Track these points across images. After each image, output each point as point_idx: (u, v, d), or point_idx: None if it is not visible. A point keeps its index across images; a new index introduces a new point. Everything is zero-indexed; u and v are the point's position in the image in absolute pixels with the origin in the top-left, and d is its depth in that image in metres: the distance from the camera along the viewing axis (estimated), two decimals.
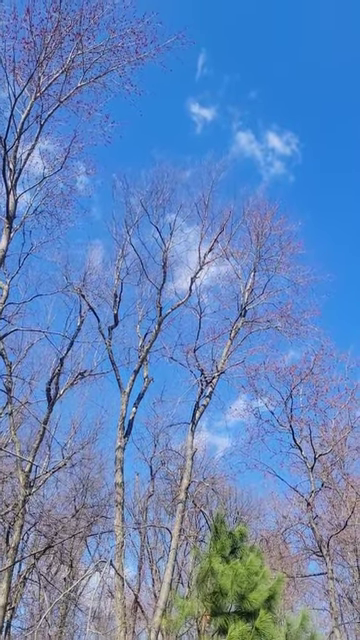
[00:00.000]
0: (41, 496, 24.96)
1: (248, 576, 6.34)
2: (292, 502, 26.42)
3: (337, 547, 26.78)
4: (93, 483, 28.14)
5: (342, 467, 25.91)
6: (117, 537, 19.53)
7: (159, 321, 22.87)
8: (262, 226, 24.96)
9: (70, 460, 23.57)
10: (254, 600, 6.24)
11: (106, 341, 23.08)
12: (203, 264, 23.75)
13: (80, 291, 22.83)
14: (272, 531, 28.29)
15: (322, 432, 24.04)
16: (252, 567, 6.46)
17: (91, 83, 17.01)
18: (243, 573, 6.33)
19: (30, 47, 15.66)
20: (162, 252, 23.30)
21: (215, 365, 22.98)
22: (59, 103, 16.60)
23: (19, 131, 16.08)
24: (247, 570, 6.39)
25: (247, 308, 24.48)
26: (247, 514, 29.91)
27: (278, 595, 7.12)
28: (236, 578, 6.28)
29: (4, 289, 18.43)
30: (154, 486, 28.04)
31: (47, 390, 22.14)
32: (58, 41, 16.05)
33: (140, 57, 17.24)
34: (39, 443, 21.56)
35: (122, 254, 24.41)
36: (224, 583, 6.39)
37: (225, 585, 6.38)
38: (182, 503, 20.50)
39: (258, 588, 6.37)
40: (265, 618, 5.97)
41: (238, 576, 6.29)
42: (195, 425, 22.15)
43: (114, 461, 21.58)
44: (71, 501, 27.24)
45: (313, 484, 22.82)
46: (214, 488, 26.13)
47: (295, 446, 23.35)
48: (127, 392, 22.39)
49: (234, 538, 8.54)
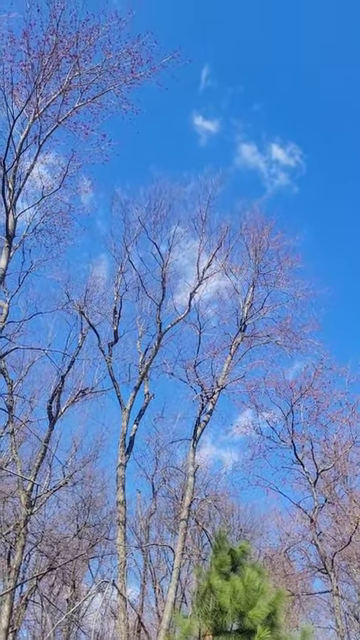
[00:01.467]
0: (42, 515, 24.76)
1: (247, 592, 6.25)
2: (295, 519, 26.19)
3: (342, 564, 26.44)
4: (95, 502, 27.90)
5: (345, 482, 25.69)
6: (119, 556, 19.35)
7: (159, 337, 22.89)
8: (260, 241, 25.10)
9: (71, 478, 23.40)
10: (254, 617, 6.13)
11: (106, 358, 23.09)
12: (202, 279, 23.84)
13: (80, 308, 22.89)
14: (276, 549, 27.97)
15: (324, 447, 23.86)
16: (251, 583, 6.37)
17: (88, 103, 17.22)
18: (241, 589, 6.24)
19: (28, 69, 15.90)
20: (161, 268, 23.41)
21: (215, 380, 22.93)
22: (57, 123, 16.79)
23: (18, 151, 16.25)
24: (246, 586, 6.31)
25: (247, 323, 24.50)
26: (250, 531, 29.58)
27: (279, 612, 7.00)
28: (235, 595, 6.20)
29: (4, 308, 18.47)
30: (156, 504, 27.82)
31: (48, 408, 22.09)
32: (55, 63, 16.29)
33: (136, 77, 17.45)
34: (40, 462, 21.45)
35: (121, 270, 24.55)
36: (223, 600, 6.30)
37: (224, 602, 6.29)
38: (184, 521, 20.32)
39: (258, 605, 6.28)
40: (264, 635, 5.86)
41: (237, 593, 6.20)
42: (196, 441, 22.04)
43: (115, 479, 21.47)
44: (73, 520, 27.01)
45: (316, 500, 22.60)
46: (216, 505, 25.91)
47: (297, 462, 23.18)
48: (128, 409, 22.34)
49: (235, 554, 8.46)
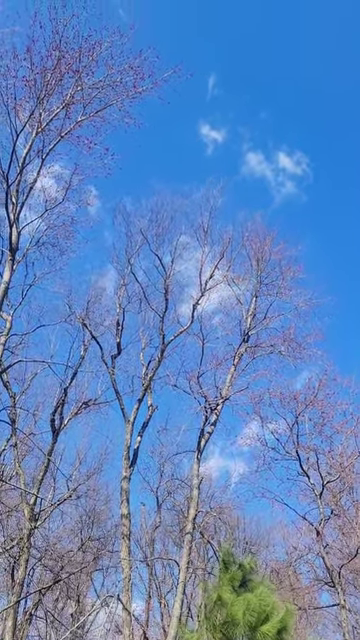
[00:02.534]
0: (46, 529, 24.57)
1: (260, 607, 6.20)
2: (301, 531, 25.95)
3: (349, 577, 26.17)
4: (99, 515, 27.70)
5: (351, 494, 25.49)
6: (124, 571, 19.18)
7: (162, 349, 22.87)
8: (262, 251, 25.18)
9: (75, 492, 23.28)
10: (267, 632, 6.07)
11: (109, 370, 23.06)
12: (204, 290, 23.86)
13: (83, 320, 22.90)
14: (282, 562, 27.72)
15: (329, 459, 23.70)
16: (264, 599, 6.32)
17: (91, 118, 17.36)
18: (255, 603, 6.18)
19: (31, 85, 16.06)
20: (163, 280, 23.46)
21: (219, 392, 22.85)
22: (60, 138, 16.92)
23: (21, 165, 16.37)
24: (259, 601, 6.25)
25: (250, 333, 24.47)
26: (256, 544, 29.31)
27: (290, 628, 6.94)
28: (248, 608, 6.14)
29: (7, 321, 18.49)
30: (161, 517, 27.60)
31: (51, 421, 22.02)
32: (58, 78, 16.44)
33: (138, 91, 17.61)
34: (44, 475, 21.34)
35: (124, 282, 24.58)
36: (235, 613, 6.24)
37: (236, 615, 6.23)
38: (190, 534, 20.14)
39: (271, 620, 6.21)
40: None
41: (250, 606, 6.14)
42: (201, 453, 21.92)
43: (120, 492, 21.32)
44: (77, 534, 26.80)
45: (322, 512, 22.42)
46: (221, 518, 25.69)
47: (302, 473, 23.03)
48: (131, 421, 22.26)
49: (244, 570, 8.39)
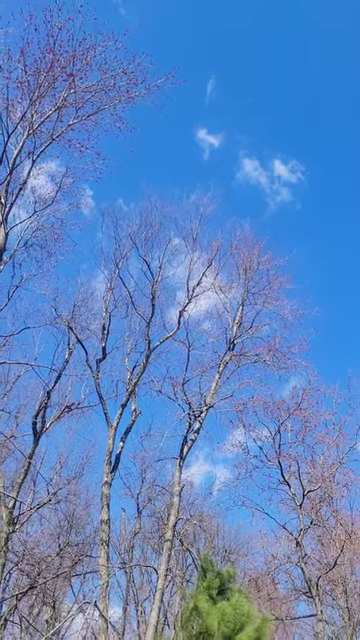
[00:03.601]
0: (24, 533, 24.32)
1: (235, 616, 6.18)
2: (281, 540, 25.99)
3: (327, 587, 26.23)
4: (78, 520, 27.47)
5: (331, 504, 25.60)
6: (102, 577, 19.03)
7: (147, 354, 22.82)
8: (250, 260, 25.29)
9: (55, 496, 23.06)
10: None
11: (94, 374, 22.94)
12: (191, 297, 23.90)
13: (68, 323, 22.77)
14: (261, 571, 27.69)
15: (310, 468, 23.82)
16: (240, 608, 6.30)
17: (83, 121, 17.38)
18: (231, 613, 6.16)
19: (24, 86, 16.05)
20: (151, 285, 23.45)
21: (203, 399, 22.86)
22: (51, 140, 16.90)
23: (11, 166, 16.30)
24: (235, 610, 6.23)
25: (235, 342, 24.53)
26: (235, 552, 29.26)
27: (265, 637, 6.92)
28: (223, 618, 6.12)
29: None
30: (141, 523, 27.46)
31: (33, 423, 21.83)
32: (51, 81, 16.44)
33: (131, 96, 17.68)
34: (24, 478, 21.13)
35: (111, 287, 24.52)
36: (210, 623, 6.20)
37: (211, 625, 6.19)
38: (169, 541, 20.06)
39: (245, 629, 6.20)
40: None
41: (225, 616, 6.12)
42: (183, 460, 21.87)
43: (100, 497, 21.20)
44: (55, 539, 26.52)
45: (302, 522, 22.48)
46: (201, 525, 25.63)
47: (284, 482, 23.09)
48: (114, 426, 22.15)
49: (222, 578, 8.38)
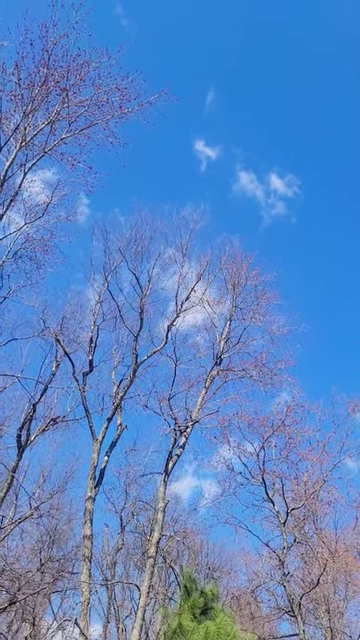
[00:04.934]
0: (5, 548, 23.92)
1: (219, 636, 6.13)
2: (264, 558, 25.85)
3: (309, 606, 26.09)
4: (60, 535, 27.11)
5: (315, 522, 25.56)
6: (83, 594, 18.76)
7: (134, 368, 22.77)
8: (238, 276, 25.48)
9: (37, 510, 22.78)
10: None
11: (80, 387, 22.82)
12: (180, 312, 23.95)
13: (56, 336, 22.68)
14: (243, 589, 27.47)
15: (294, 485, 23.78)
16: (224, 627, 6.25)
17: (76, 135, 17.47)
18: (214, 632, 6.12)
19: (18, 99, 16.13)
20: (140, 299, 23.48)
21: (189, 414, 22.82)
22: (43, 153, 16.96)
23: (2, 179, 16.30)
24: (219, 630, 6.19)
25: (223, 357, 24.59)
26: (218, 570, 29.04)
27: None
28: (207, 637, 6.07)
29: None
30: (124, 539, 27.17)
31: (18, 436, 21.62)
32: (45, 94, 16.54)
33: (124, 112, 17.82)
34: (6, 492, 20.85)
35: (99, 300, 24.50)
36: None
37: None
38: (152, 558, 19.87)
39: None
40: None
41: (209, 635, 6.07)
42: (168, 476, 21.75)
43: (83, 512, 20.98)
44: (37, 554, 26.14)
45: (285, 540, 22.38)
46: (185, 542, 25.42)
47: (267, 499, 23.00)
48: (100, 440, 22.00)
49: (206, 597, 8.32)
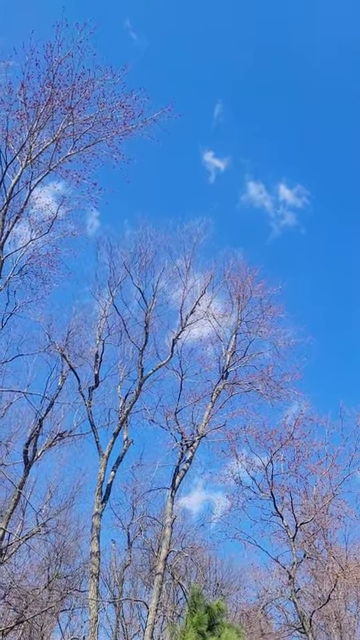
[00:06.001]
0: (12, 565, 23.78)
1: None
2: (273, 574, 25.54)
3: (320, 622, 25.67)
4: (68, 551, 26.94)
5: (325, 536, 25.21)
6: (91, 611, 18.59)
7: (140, 382, 22.74)
8: (243, 289, 25.48)
9: (44, 526, 22.67)
10: None
11: (86, 402, 22.82)
12: (185, 326, 23.96)
13: (62, 351, 22.75)
14: (253, 605, 27.10)
15: (304, 499, 23.53)
16: None
17: (80, 152, 17.69)
18: None
19: (23, 118, 16.37)
20: (144, 313, 23.52)
21: (196, 428, 22.72)
22: (49, 170, 17.17)
23: (8, 195, 16.51)
24: None
25: (229, 370, 24.51)
26: (227, 586, 28.67)
27: None
28: None
29: None
30: (131, 555, 26.96)
31: (24, 452, 21.62)
32: (50, 113, 16.79)
33: (128, 129, 18.04)
34: (13, 508, 20.79)
35: (104, 314, 24.57)
36: None
37: None
38: (160, 575, 19.69)
39: None
40: None
41: None
42: (175, 491, 21.62)
43: (90, 528, 20.86)
44: (44, 570, 25.98)
45: (295, 555, 22.08)
46: (193, 558, 25.15)
47: (276, 514, 22.74)
48: (106, 455, 21.93)
49: (212, 613, 8.25)
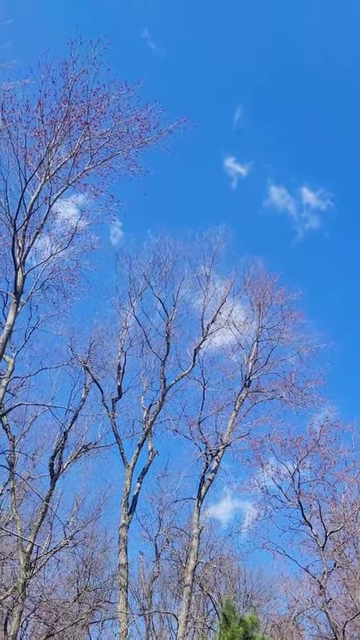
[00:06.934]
0: (41, 578, 23.86)
1: None
2: (304, 584, 25.13)
3: (354, 633, 25.16)
4: (96, 563, 26.94)
5: (355, 545, 24.77)
6: (121, 624, 18.54)
7: (163, 393, 22.75)
8: (263, 296, 25.38)
9: (72, 539, 22.72)
10: None
11: (110, 413, 22.89)
12: (206, 335, 23.92)
13: (85, 363, 22.88)
14: (284, 616, 26.71)
15: (332, 507, 23.17)
16: None
17: (98, 166, 17.85)
18: None
19: (41, 135, 16.59)
20: (165, 324, 23.54)
21: (220, 438, 22.60)
22: (67, 185, 17.36)
23: (29, 212, 16.72)
24: None
25: (251, 378, 24.40)
26: (257, 597, 28.32)
27: None
28: None
29: (10, 363, 18.55)
30: (159, 567, 26.82)
31: (50, 465, 21.75)
32: (67, 129, 16.98)
33: (144, 141, 18.16)
34: (41, 521, 20.90)
35: (125, 325, 24.67)
36: None
37: None
38: (189, 586, 19.56)
39: None
40: None
41: None
42: (201, 501, 21.51)
43: (118, 540, 20.84)
44: (73, 583, 26.00)
45: (325, 564, 21.71)
46: (222, 569, 24.92)
47: (305, 523, 22.38)
48: (131, 466, 21.95)
49: (246, 626, 8.14)
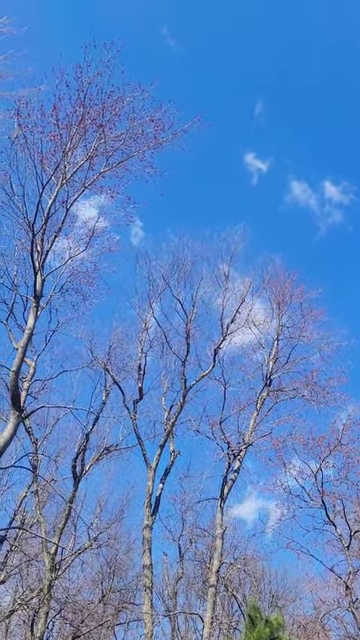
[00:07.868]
0: (66, 580, 24.01)
1: None
2: (329, 584, 24.87)
3: None
4: (120, 565, 27.01)
5: None
6: (146, 625, 18.56)
7: (184, 393, 22.71)
8: (282, 294, 25.22)
9: (96, 540, 22.83)
10: None
11: (131, 415, 22.94)
12: (226, 334, 23.83)
13: (105, 365, 22.96)
14: (310, 617, 26.46)
15: (356, 507, 22.90)
16: None
17: (114, 168, 17.91)
18: None
19: (57, 139, 16.70)
20: (185, 324, 23.51)
21: (242, 437, 22.50)
22: (84, 188, 17.44)
23: (46, 216, 16.83)
24: None
25: (272, 377, 24.23)
26: (282, 597, 28.12)
27: None
28: None
29: (31, 366, 18.73)
30: (183, 568, 26.77)
31: (73, 467, 21.88)
32: (82, 132, 17.07)
33: (159, 142, 18.17)
34: (65, 523, 21.03)
35: (145, 327, 24.72)
36: None
37: None
38: (213, 587, 19.49)
39: None
40: None
41: None
42: (224, 501, 21.42)
43: (141, 541, 20.87)
44: (98, 585, 26.10)
45: (350, 564, 21.47)
46: (246, 570, 24.79)
47: (329, 522, 22.19)
48: (153, 467, 21.96)
49: (272, 627, 8.07)
